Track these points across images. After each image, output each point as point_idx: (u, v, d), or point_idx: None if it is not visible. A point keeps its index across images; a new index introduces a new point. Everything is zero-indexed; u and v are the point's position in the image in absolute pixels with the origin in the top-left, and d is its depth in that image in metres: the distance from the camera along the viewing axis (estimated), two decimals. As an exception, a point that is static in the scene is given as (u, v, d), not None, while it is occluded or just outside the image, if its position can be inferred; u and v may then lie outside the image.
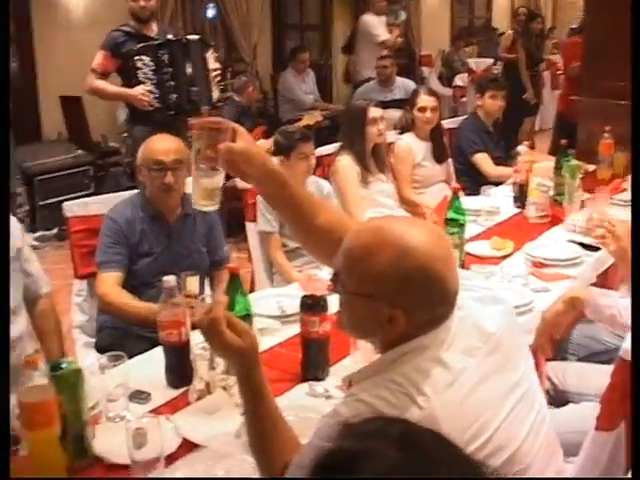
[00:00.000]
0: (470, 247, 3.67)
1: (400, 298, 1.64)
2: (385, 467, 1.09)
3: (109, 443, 2.16)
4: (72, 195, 6.67)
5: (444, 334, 1.67)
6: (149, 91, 5.24)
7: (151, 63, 5.27)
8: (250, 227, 4.40)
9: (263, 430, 1.81)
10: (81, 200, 3.86)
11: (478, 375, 1.67)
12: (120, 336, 3.29)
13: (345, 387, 1.79)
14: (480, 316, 1.76)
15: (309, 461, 1.54)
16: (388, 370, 1.64)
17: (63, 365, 2.12)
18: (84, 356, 3.40)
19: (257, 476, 1.86)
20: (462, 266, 3.32)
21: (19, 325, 2.99)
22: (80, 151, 7.91)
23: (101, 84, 5.36)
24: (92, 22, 8.20)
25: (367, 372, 1.72)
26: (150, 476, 1.97)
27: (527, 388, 1.78)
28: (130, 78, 5.31)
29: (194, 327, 2.32)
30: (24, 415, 2.01)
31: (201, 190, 2.00)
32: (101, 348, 3.29)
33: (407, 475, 1.08)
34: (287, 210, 2.09)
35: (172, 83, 5.32)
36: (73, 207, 3.70)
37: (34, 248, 7.00)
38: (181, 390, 2.47)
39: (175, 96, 5.34)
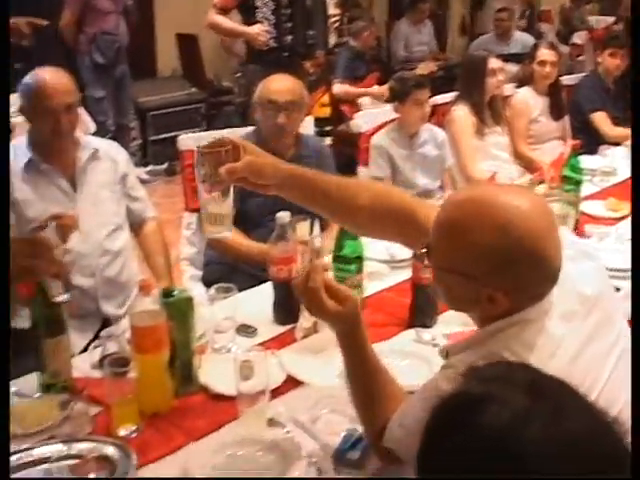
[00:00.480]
0: (585, 206, 3.57)
1: (500, 279, 1.52)
2: (509, 412, 1.04)
3: (214, 373, 2.18)
4: (184, 131, 6.72)
5: (547, 305, 1.57)
6: (266, 31, 5.21)
7: (271, 3, 5.23)
8: (362, 172, 4.36)
9: (363, 387, 1.78)
10: (196, 134, 3.88)
11: (579, 340, 1.58)
12: (227, 271, 3.32)
13: (443, 357, 1.72)
14: (576, 277, 1.65)
15: (410, 423, 1.52)
16: (487, 343, 1.56)
17: (175, 293, 2.14)
18: (191, 288, 3.43)
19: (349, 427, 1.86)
20: (576, 226, 3.22)
21: (120, 240, 3.08)
22: (193, 89, 7.98)
23: (220, 19, 5.33)
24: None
25: (465, 344, 1.64)
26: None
27: (625, 346, 1.68)
28: (249, 16, 5.28)
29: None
30: (135, 339, 2.04)
31: (209, 216, 1.91)
32: (208, 282, 3.32)
33: (531, 421, 1.03)
34: (321, 205, 2.00)
35: (290, 24, 5.28)
36: (187, 141, 3.71)
37: (144, 182, 7.18)
38: (287, 327, 2.47)
39: (291, 38, 5.30)
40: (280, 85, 3.38)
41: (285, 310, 2.51)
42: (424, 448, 1.12)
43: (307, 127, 3.79)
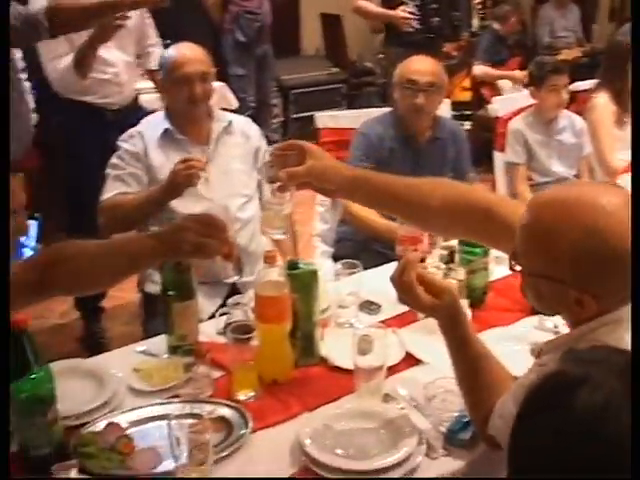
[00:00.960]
0: None
1: (588, 283, 1.47)
2: (601, 396, 1.04)
3: (335, 347, 2.20)
4: (324, 111, 6.79)
5: None
6: (411, 12, 5.19)
7: None
8: (498, 157, 4.30)
9: (467, 375, 1.77)
10: (333, 112, 3.92)
11: None
12: (358, 249, 3.35)
13: (535, 356, 1.68)
14: None
15: (507, 416, 1.50)
16: (580, 341, 1.50)
17: (300, 265, 2.17)
18: (321, 263, 3.47)
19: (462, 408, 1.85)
20: None
21: (250, 211, 3.12)
22: (335, 68, 8.02)
23: (364, 3, 5.36)
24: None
25: (558, 342, 1.61)
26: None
27: None
28: (392, -1, 5.28)
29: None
30: (258, 308, 2.08)
31: (268, 217, 1.96)
32: (338, 258, 3.34)
33: (625, 405, 1.03)
34: (391, 207, 1.98)
35: (435, 6, 5.24)
36: (325, 118, 3.76)
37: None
38: (410, 306, 2.47)
39: (437, 20, 5.26)
40: (421, 66, 3.37)
41: (409, 289, 2.50)
42: (518, 426, 1.13)
43: (444, 110, 3.77)
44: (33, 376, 1.72)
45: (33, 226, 3.02)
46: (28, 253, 2.66)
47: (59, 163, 4.18)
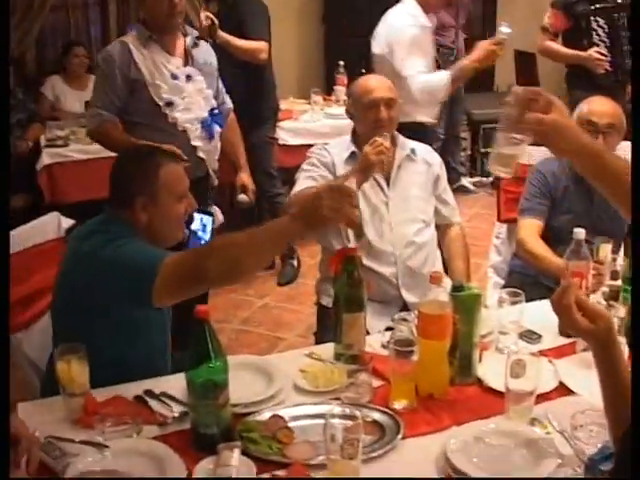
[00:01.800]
0: None
1: None
2: None
3: (492, 369, 2.28)
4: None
5: None
6: (602, 54, 5.14)
7: (605, 25, 5.15)
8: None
9: (614, 403, 1.77)
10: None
11: None
12: (528, 282, 3.36)
13: None
14: None
15: None
16: None
17: (465, 288, 2.27)
18: (491, 294, 3.54)
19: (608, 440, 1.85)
20: None
21: (426, 236, 3.26)
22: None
23: (552, 44, 5.32)
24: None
25: None
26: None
27: None
28: (581, 39, 5.22)
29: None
30: (421, 324, 2.19)
31: (499, 155, 1.96)
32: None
33: None
34: (608, 184, 1.95)
35: (628, 47, 5.14)
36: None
37: (469, 191, 7.37)
38: (570, 340, 2.50)
39: (628, 62, 5.16)
40: (600, 107, 3.38)
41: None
42: None
43: (624, 151, 3.74)
44: (211, 365, 1.91)
45: (208, 221, 3.30)
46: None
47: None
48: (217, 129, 3.84)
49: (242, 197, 4.08)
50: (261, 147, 5.36)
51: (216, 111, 3.84)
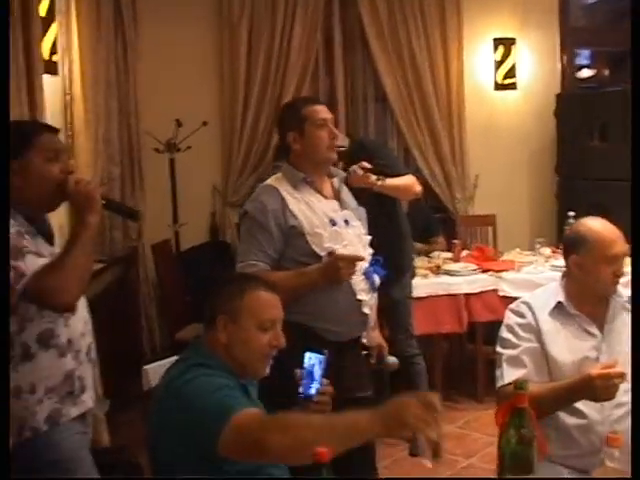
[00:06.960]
0: None
1: None
2: None
3: None
4: None
5: None
6: None
7: None
8: None
9: None
10: None
11: None
12: None
13: None
14: None
15: None
16: None
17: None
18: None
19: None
20: None
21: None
22: None
23: None
24: None
25: None
26: None
27: None
28: None
29: None
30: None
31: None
32: None
33: None
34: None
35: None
36: None
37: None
38: None
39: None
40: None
41: None
42: None
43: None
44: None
45: (316, 361, 2.72)
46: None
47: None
48: (377, 280, 3.25)
49: (392, 360, 3.56)
50: (403, 303, 4.88)
51: (375, 259, 3.28)
